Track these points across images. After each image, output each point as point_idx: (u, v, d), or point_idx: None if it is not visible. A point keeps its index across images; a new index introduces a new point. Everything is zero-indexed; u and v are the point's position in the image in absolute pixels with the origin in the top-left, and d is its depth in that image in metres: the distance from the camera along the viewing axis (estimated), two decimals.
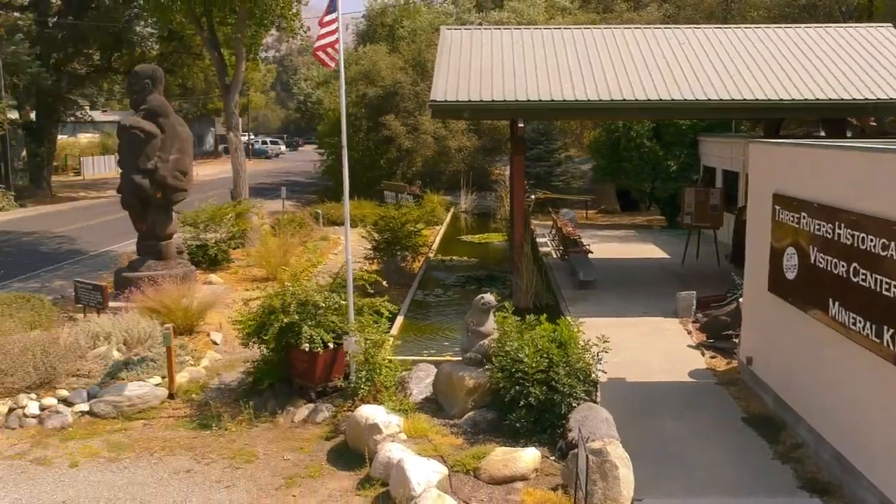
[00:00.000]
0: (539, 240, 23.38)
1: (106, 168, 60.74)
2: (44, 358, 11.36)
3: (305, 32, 27.30)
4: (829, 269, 8.30)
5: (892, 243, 7.04)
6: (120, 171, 16.12)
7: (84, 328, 12.67)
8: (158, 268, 15.61)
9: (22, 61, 38.03)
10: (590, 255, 19.01)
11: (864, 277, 7.55)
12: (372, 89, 35.96)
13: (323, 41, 10.83)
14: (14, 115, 40.32)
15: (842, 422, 8.13)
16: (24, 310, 13.73)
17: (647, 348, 12.89)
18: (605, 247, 22.23)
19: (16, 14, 43.41)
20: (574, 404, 9.02)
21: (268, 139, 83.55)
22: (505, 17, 47.40)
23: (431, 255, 22.23)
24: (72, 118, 47.31)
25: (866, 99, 14.71)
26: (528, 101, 14.80)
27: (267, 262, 18.82)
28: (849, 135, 19.02)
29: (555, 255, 21.27)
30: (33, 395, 11.06)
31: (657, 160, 24.84)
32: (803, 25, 18.40)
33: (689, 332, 13.59)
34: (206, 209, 20.55)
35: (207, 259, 19.37)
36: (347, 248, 11.39)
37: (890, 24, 17.84)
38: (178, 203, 16.38)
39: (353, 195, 10.00)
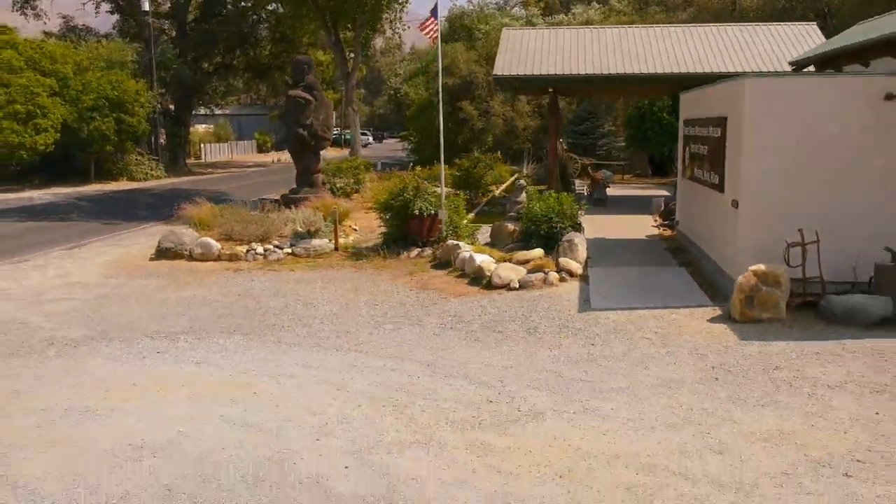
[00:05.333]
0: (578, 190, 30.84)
1: (220, 154, 70.48)
2: (262, 223, 19.53)
3: (403, 32, 35.42)
4: (694, 151, 15.66)
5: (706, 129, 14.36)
6: (284, 131, 24.24)
7: (279, 215, 20.84)
8: (310, 193, 23.64)
9: (167, 59, 47.43)
10: (607, 191, 26.38)
11: (701, 149, 14.87)
12: (451, 79, 43.70)
13: (429, 31, 18.78)
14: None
15: (704, 231, 15.39)
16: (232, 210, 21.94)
17: (623, 227, 20.24)
18: (625, 191, 29.56)
19: (161, 20, 53.05)
20: (566, 234, 16.54)
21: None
22: (566, 20, 54.78)
23: (496, 193, 29.99)
24: (202, 108, 56.86)
25: (713, 71, 22.10)
26: (556, 74, 22.45)
27: (378, 198, 26.75)
28: None
29: (585, 194, 28.72)
30: (258, 244, 19.19)
31: (673, 130, 31.87)
32: (741, 24, 25.64)
33: (655, 220, 20.94)
34: (335, 163, 28.71)
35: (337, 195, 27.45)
36: (442, 161, 19.16)
37: (814, 23, 24.71)
38: (324, 149, 24.48)
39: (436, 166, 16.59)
